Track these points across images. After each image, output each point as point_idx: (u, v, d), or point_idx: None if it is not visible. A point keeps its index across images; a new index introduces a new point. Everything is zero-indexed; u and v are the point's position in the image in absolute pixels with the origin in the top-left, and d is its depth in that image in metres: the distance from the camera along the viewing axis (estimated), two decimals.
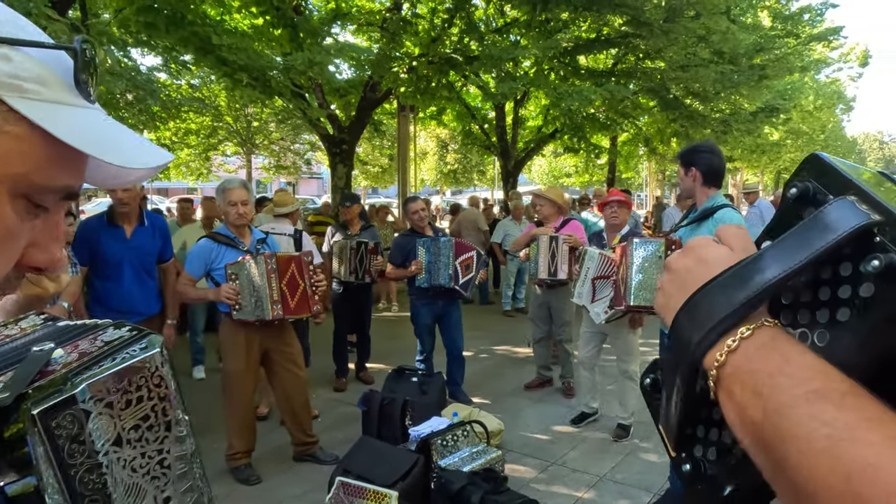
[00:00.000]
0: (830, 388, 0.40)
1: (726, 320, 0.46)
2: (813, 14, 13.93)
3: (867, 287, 0.43)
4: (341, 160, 9.68)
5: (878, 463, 0.35)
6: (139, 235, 3.71)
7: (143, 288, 3.69)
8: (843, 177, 0.48)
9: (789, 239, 0.47)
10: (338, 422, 4.65)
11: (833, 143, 32.94)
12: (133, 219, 3.69)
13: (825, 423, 0.38)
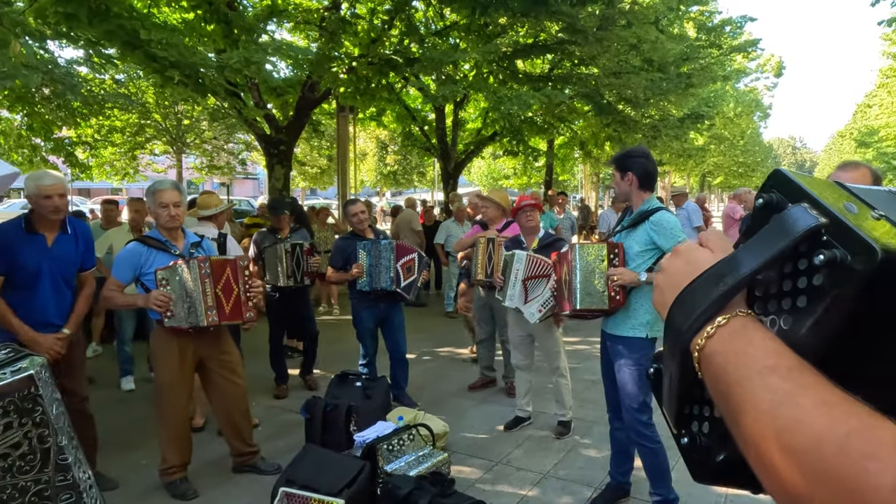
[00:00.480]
0: (781, 364, 0.48)
1: (707, 311, 0.54)
2: (734, 26, 14.77)
3: (818, 277, 0.51)
4: (279, 161, 9.44)
5: (805, 419, 0.43)
6: (61, 244, 3.37)
7: (59, 300, 3.36)
8: (799, 187, 0.56)
9: (757, 241, 0.56)
10: (280, 430, 4.52)
11: (752, 148, 35.06)
12: (55, 226, 3.35)
13: (771, 390, 0.46)
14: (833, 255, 0.48)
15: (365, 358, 4.89)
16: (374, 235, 4.86)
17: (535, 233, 4.30)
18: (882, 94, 25.30)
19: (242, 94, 9.06)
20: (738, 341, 0.52)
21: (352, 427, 3.67)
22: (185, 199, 3.58)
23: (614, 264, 3.08)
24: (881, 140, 28.40)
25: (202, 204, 4.85)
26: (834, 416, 0.42)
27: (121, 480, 3.66)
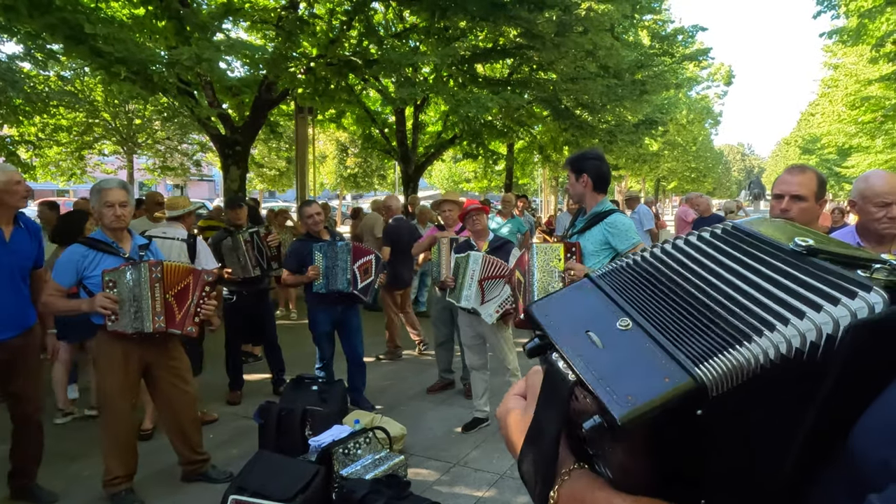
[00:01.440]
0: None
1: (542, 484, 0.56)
2: (685, 35, 15.25)
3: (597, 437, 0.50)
4: (234, 162, 9.22)
5: None
6: (18, 238, 3.24)
7: (18, 297, 3.23)
8: (548, 335, 0.57)
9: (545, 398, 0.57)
10: (233, 436, 4.41)
11: (703, 154, 36.24)
12: (9, 220, 3.23)
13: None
14: (593, 425, 0.48)
15: (321, 361, 4.82)
16: (331, 237, 4.80)
17: (485, 236, 4.33)
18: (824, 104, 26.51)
19: (196, 92, 8.83)
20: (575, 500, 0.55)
21: (307, 431, 3.60)
22: (132, 200, 3.46)
23: (570, 262, 3.12)
24: (823, 147, 29.77)
25: (170, 205, 4.72)
26: None
27: (61, 493, 3.49)
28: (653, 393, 0.45)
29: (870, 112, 16.12)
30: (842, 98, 20.25)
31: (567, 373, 0.52)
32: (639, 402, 0.45)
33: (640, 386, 0.46)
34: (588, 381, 0.49)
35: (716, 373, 0.45)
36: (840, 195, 36.49)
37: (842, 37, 12.62)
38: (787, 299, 0.47)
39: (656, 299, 0.55)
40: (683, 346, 0.48)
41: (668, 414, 0.45)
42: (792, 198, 2.34)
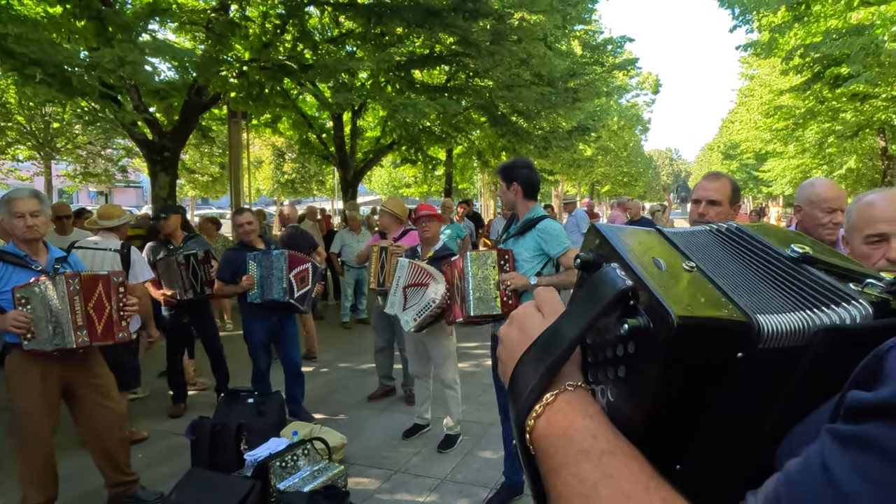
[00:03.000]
0: (594, 448, 0.48)
1: (534, 390, 0.52)
2: (615, 45, 15.87)
3: (630, 345, 0.49)
4: (163, 168, 8.87)
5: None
6: None
7: None
8: (610, 245, 0.55)
9: (575, 306, 0.54)
10: (164, 455, 4.23)
11: (635, 159, 37.73)
12: None
13: (581, 480, 0.47)
14: (637, 324, 0.47)
15: (258, 373, 4.69)
16: (265, 245, 4.69)
17: (432, 244, 4.30)
18: (742, 112, 28.20)
19: (120, 96, 8.43)
20: (561, 422, 0.50)
21: (242, 446, 3.50)
22: (47, 209, 3.27)
23: (505, 270, 3.19)
24: (742, 153, 31.65)
25: (103, 214, 4.48)
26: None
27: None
28: (712, 312, 0.45)
29: (782, 120, 17.27)
30: (757, 107, 21.64)
31: (624, 278, 0.50)
32: (696, 312, 0.45)
33: (700, 306, 0.46)
34: (650, 285, 0.47)
35: (774, 326, 0.46)
36: (759, 198, 38.87)
37: (755, 50, 13.48)
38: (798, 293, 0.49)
39: (715, 259, 0.56)
40: (741, 296, 0.49)
41: (716, 339, 0.45)
42: (708, 202, 2.50)
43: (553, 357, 0.52)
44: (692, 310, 0.44)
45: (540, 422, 0.51)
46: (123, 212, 4.69)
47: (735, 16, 11.63)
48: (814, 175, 21.25)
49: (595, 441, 0.48)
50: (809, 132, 17.35)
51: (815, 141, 17.97)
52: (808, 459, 0.39)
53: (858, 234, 1.60)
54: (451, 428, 4.29)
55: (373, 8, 8.75)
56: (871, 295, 0.46)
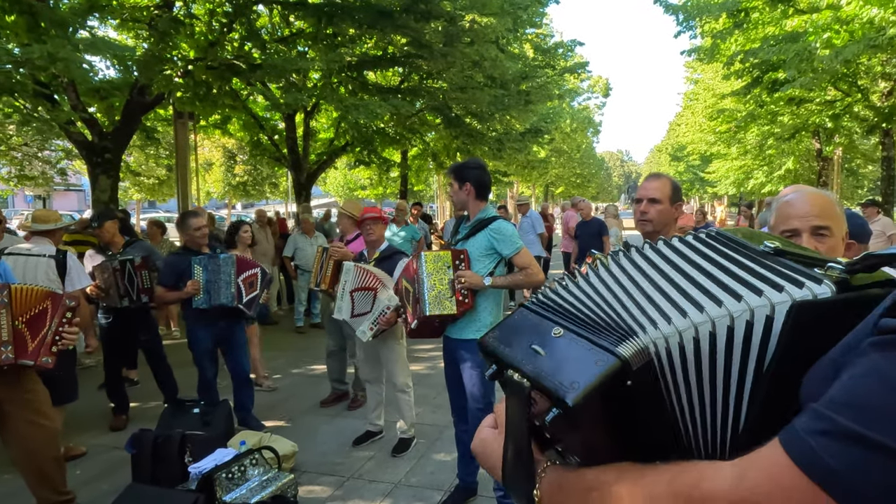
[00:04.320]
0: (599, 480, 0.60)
1: (529, 480, 0.65)
2: (566, 49, 16.15)
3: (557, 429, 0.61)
4: (104, 171, 8.50)
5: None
6: None
7: None
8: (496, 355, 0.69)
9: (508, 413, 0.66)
10: (104, 470, 4.05)
11: (587, 161, 38.55)
12: None
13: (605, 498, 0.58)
14: (552, 418, 0.58)
15: (204, 382, 4.54)
16: (211, 250, 4.54)
17: (377, 246, 4.28)
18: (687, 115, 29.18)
19: (57, 95, 8.04)
20: (557, 494, 0.64)
21: (187, 458, 3.37)
22: None
23: (460, 269, 3.18)
24: (689, 154, 32.75)
25: (38, 218, 4.24)
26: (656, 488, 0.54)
27: None
28: (590, 375, 0.57)
29: (725, 123, 17.94)
30: (702, 110, 22.42)
31: (523, 381, 0.62)
32: (581, 385, 0.56)
33: (580, 374, 0.57)
34: (541, 381, 0.60)
35: (631, 351, 0.57)
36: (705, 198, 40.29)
37: (699, 55, 13.95)
38: (733, 286, 0.58)
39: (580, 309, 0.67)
40: (603, 338, 0.60)
41: (606, 388, 0.56)
42: (649, 201, 2.57)
43: (524, 465, 0.65)
44: (577, 385, 0.56)
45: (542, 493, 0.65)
46: (60, 216, 4.47)
47: (679, 22, 12.00)
48: (755, 176, 22.19)
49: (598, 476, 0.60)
50: (750, 135, 18.10)
51: (755, 143, 18.76)
52: (851, 375, 0.44)
53: (776, 230, 1.68)
54: (405, 431, 4.26)
55: (323, 8, 8.63)
56: (833, 276, 0.54)
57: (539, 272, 3.24)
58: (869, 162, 19.40)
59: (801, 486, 0.43)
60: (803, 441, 0.44)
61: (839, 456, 0.42)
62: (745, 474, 0.47)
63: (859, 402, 0.43)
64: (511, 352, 0.67)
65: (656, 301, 0.62)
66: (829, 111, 13.57)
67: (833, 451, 0.42)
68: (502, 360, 0.67)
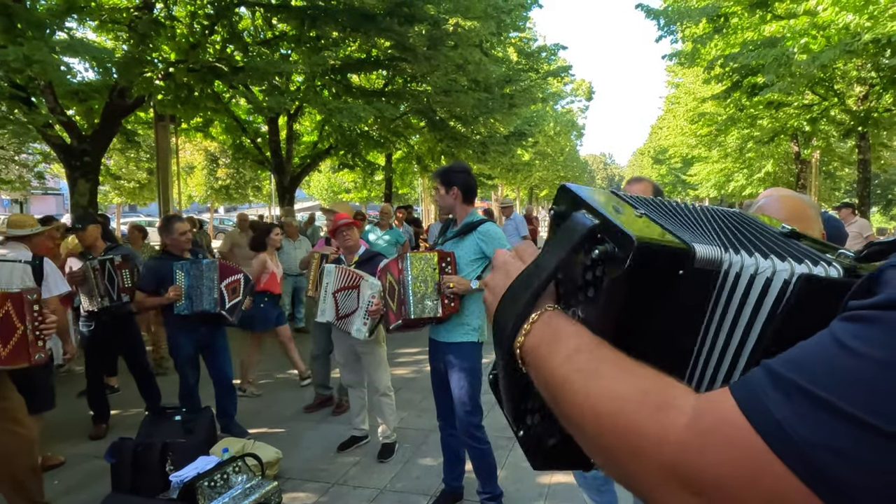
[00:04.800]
0: (583, 345, 0.55)
1: (522, 312, 0.61)
2: (549, 52, 16.24)
3: (598, 269, 0.59)
4: (83, 174, 8.38)
5: (609, 386, 0.50)
6: None
7: None
8: (578, 197, 0.67)
9: (550, 246, 0.65)
10: (83, 480, 3.96)
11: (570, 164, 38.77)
12: None
13: (579, 370, 0.53)
14: (604, 249, 0.58)
15: (186, 389, 4.47)
16: (193, 255, 4.48)
17: (355, 251, 4.25)
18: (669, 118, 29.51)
19: (34, 97, 7.91)
20: (548, 333, 0.59)
21: (168, 467, 3.32)
22: None
23: (447, 272, 3.17)
24: (671, 157, 33.13)
25: (15, 223, 4.14)
26: (631, 381, 0.50)
27: None
28: (661, 238, 0.57)
29: (706, 126, 18.18)
30: (683, 113, 22.69)
31: (591, 219, 0.61)
32: (649, 237, 0.56)
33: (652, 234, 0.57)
34: (613, 220, 0.58)
35: (703, 252, 0.57)
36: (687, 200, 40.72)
37: (680, 59, 14.13)
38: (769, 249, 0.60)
39: (662, 214, 0.67)
40: (684, 234, 0.60)
41: (665, 256, 0.56)
42: None
43: (536, 285, 0.62)
44: (647, 238, 0.56)
45: (529, 338, 0.60)
46: (36, 221, 4.38)
47: (660, 26, 12.13)
48: (735, 178, 22.49)
49: (581, 340, 0.56)
50: (731, 138, 18.36)
51: (735, 146, 19.03)
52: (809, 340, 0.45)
53: None
54: (388, 436, 4.24)
55: (306, 11, 8.60)
56: (844, 263, 0.57)
57: None
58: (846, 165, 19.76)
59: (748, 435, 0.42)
60: (753, 391, 0.44)
61: (783, 407, 0.42)
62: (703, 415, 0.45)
63: (808, 360, 0.43)
64: (590, 200, 0.66)
65: (732, 238, 0.64)
66: (806, 115, 13.81)
67: (777, 401, 0.42)
68: (579, 200, 0.66)
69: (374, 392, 4.23)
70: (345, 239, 4.19)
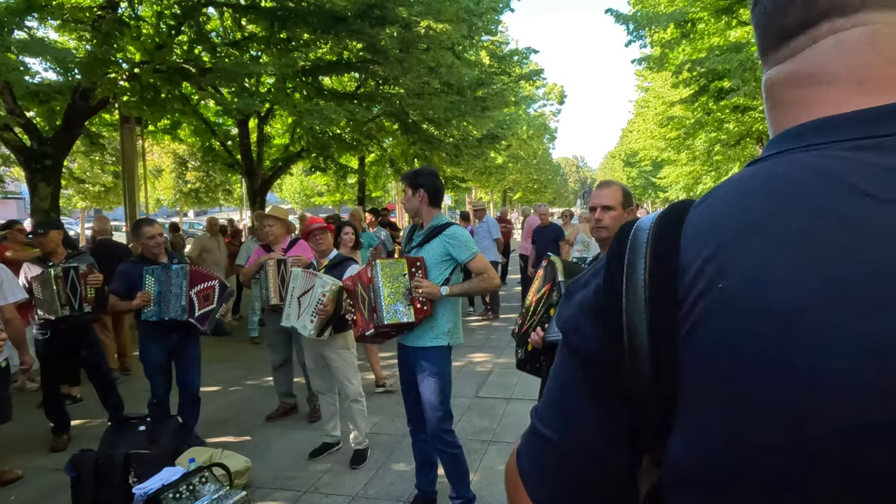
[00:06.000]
0: None
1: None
2: (521, 56, 16.33)
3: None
4: (43, 178, 8.11)
5: None
6: None
7: None
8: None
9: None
10: (42, 495, 3.82)
11: (543, 167, 39.13)
12: None
13: None
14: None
15: (155, 397, 4.36)
16: (168, 259, 4.37)
17: (326, 255, 4.24)
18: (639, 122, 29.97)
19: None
20: None
21: (131, 479, 3.22)
22: None
23: (417, 277, 3.15)
24: (641, 160, 33.65)
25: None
26: None
27: None
28: None
29: (674, 130, 18.50)
30: (652, 117, 23.07)
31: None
32: None
33: None
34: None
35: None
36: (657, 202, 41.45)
37: (649, 64, 14.36)
38: None
39: None
40: None
41: None
42: (603, 208, 2.64)
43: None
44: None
45: None
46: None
47: (630, 31, 12.31)
48: (704, 181, 22.95)
49: None
50: (699, 141, 18.72)
51: (703, 149, 19.41)
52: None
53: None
54: (360, 442, 4.19)
55: (276, 12, 8.48)
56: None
57: (495, 277, 3.24)
58: None
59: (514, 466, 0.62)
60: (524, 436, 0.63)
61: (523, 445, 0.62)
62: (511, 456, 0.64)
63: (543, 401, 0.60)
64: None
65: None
66: None
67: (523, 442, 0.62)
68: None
69: (346, 398, 4.18)
70: (318, 242, 4.16)
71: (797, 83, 0.52)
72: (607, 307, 0.51)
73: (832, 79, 0.50)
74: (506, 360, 6.66)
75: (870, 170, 0.44)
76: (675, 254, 0.49)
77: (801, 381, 0.41)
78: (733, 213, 0.48)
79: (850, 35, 0.49)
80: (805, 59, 0.52)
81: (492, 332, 8.44)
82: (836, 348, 0.40)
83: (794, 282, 0.42)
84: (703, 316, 0.45)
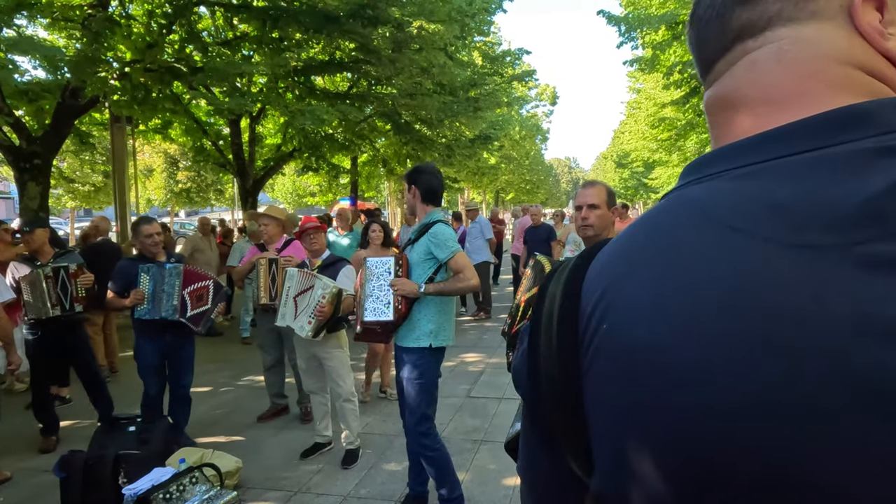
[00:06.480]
0: None
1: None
2: (513, 57, 16.36)
3: None
4: (32, 177, 8.05)
5: None
6: None
7: None
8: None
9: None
10: (31, 496, 3.80)
11: (536, 168, 39.24)
12: None
13: None
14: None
15: (148, 398, 4.33)
16: (166, 259, 4.35)
17: (320, 254, 4.23)
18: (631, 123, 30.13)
19: None
20: None
21: (121, 479, 3.20)
22: None
23: (398, 275, 3.15)
24: (633, 161, 33.80)
25: None
26: None
27: None
28: None
29: (666, 131, 18.61)
30: (644, 118, 23.19)
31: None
32: None
33: None
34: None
35: None
36: (649, 203, 41.64)
37: (640, 65, 14.42)
38: None
39: None
40: None
41: None
42: (588, 207, 2.69)
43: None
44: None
45: None
46: None
47: (621, 33, 12.36)
48: None
49: None
50: (690, 142, 18.83)
51: (694, 150, 19.52)
52: None
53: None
54: (352, 442, 4.18)
55: (268, 11, 8.46)
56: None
57: (473, 277, 3.14)
58: None
59: None
60: None
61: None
62: None
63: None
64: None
65: None
66: None
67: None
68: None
69: (338, 398, 4.18)
70: (312, 242, 4.17)
71: (720, 107, 0.53)
72: (531, 357, 0.54)
73: (743, 101, 0.50)
74: (498, 360, 6.68)
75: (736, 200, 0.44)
76: (578, 297, 0.51)
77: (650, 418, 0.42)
78: (624, 251, 0.50)
79: (759, 55, 0.49)
80: (723, 84, 0.52)
81: (484, 332, 8.45)
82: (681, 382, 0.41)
83: (652, 318, 0.43)
84: (593, 357, 0.47)
